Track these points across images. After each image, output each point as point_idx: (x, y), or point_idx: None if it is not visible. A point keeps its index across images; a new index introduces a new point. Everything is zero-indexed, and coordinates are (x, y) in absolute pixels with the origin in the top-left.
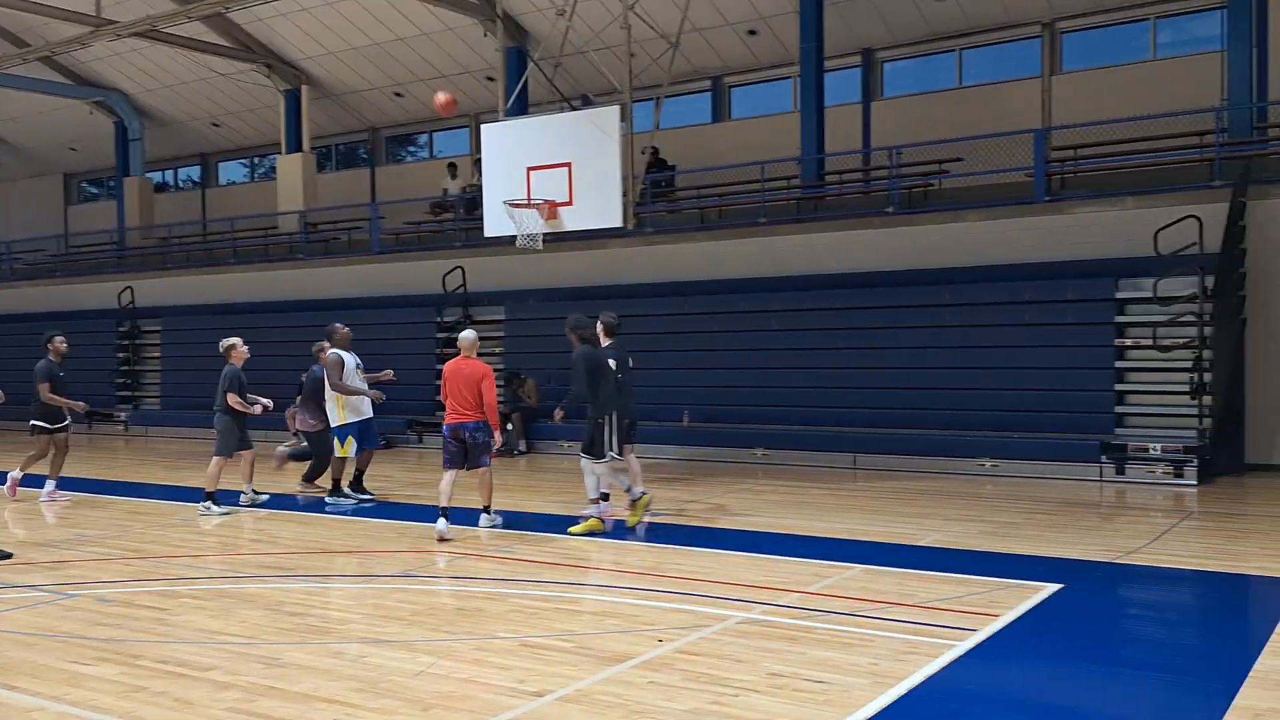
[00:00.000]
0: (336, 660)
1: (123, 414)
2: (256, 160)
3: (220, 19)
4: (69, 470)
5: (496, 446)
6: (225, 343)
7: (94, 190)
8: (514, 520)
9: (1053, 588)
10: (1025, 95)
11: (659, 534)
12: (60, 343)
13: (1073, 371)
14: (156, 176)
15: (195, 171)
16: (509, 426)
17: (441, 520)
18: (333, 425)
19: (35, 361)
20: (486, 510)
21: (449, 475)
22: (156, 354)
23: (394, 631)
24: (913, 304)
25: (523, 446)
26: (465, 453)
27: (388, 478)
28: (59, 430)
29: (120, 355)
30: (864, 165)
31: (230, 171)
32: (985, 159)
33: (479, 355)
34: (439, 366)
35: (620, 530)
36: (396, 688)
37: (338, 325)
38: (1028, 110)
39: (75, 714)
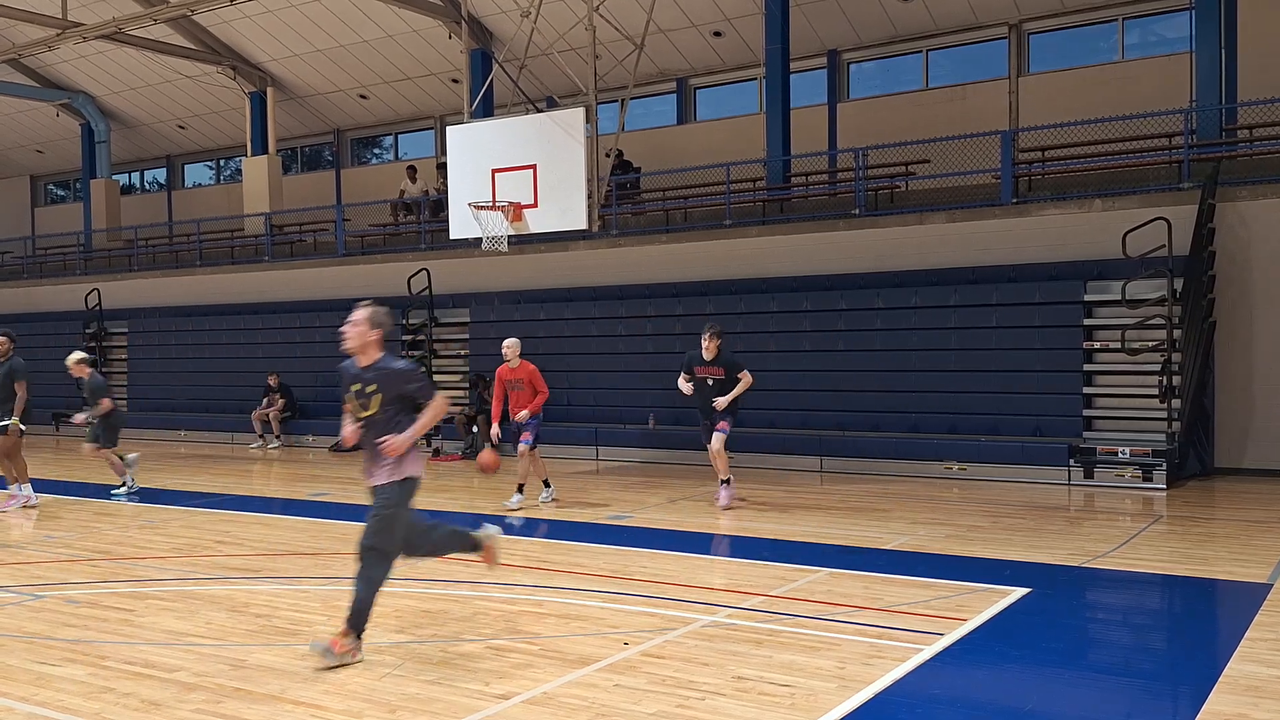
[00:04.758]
0: (303, 663)
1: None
2: (222, 162)
3: (185, 21)
4: (31, 471)
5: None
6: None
7: (61, 192)
8: (480, 523)
9: (1020, 592)
10: (992, 97)
11: (624, 537)
12: None
13: (1040, 374)
14: (123, 178)
15: (161, 174)
16: (474, 429)
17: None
18: None
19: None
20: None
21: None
22: (124, 356)
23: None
24: (878, 306)
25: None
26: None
27: (352, 480)
28: None
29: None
30: (830, 167)
31: (196, 174)
32: (952, 161)
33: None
34: None
35: (585, 532)
36: (363, 689)
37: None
38: (994, 112)
39: (43, 714)
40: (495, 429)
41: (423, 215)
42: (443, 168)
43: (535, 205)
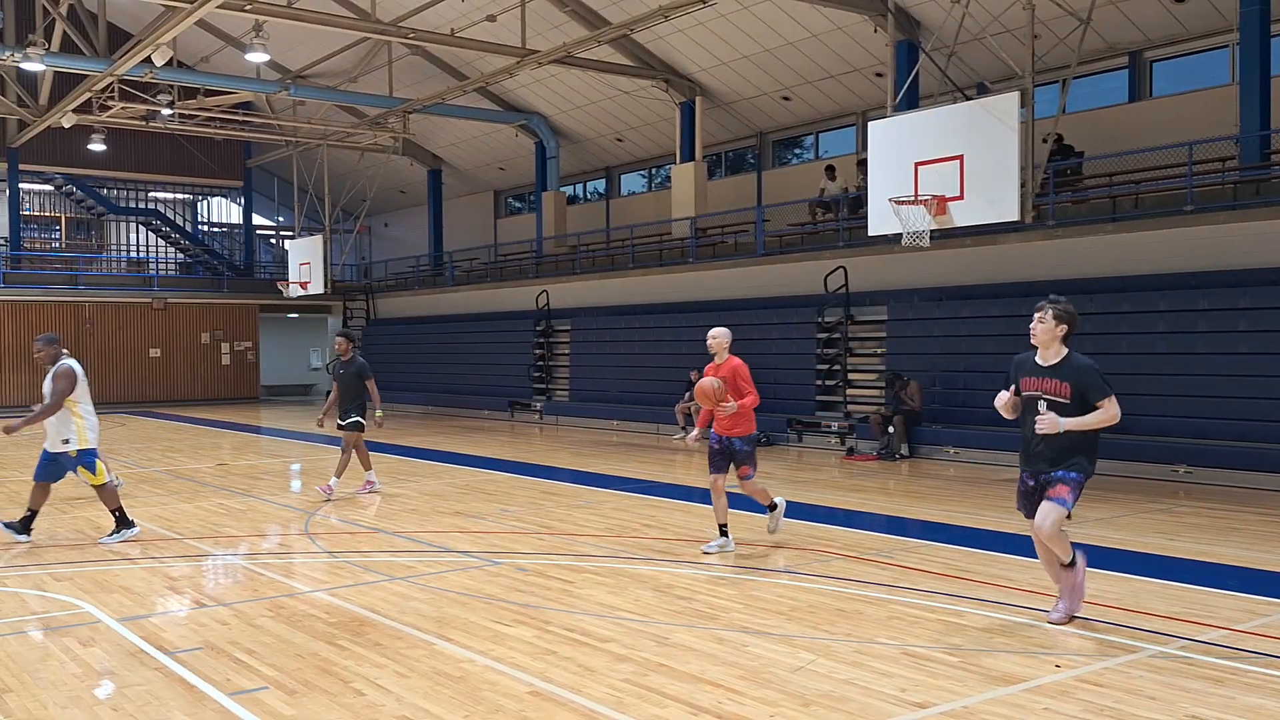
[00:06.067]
0: (720, 646)
1: (538, 404)
2: (653, 170)
3: (625, 40)
4: (489, 451)
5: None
6: None
7: (517, 204)
8: (896, 526)
9: None
10: None
11: None
12: None
13: None
14: (569, 190)
15: (601, 184)
16: (890, 429)
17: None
18: (81, 448)
19: (467, 354)
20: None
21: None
22: (566, 351)
23: (774, 624)
24: None
25: (905, 450)
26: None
27: (767, 474)
28: None
29: (536, 352)
30: None
31: (630, 183)
32: None
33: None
34: (819, 366)
35: (1009, 544)
36: (776, 680)
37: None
38: None
39: (498, 669)
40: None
41: (841, 213)
42: (863, 164)
43: (961, 197)
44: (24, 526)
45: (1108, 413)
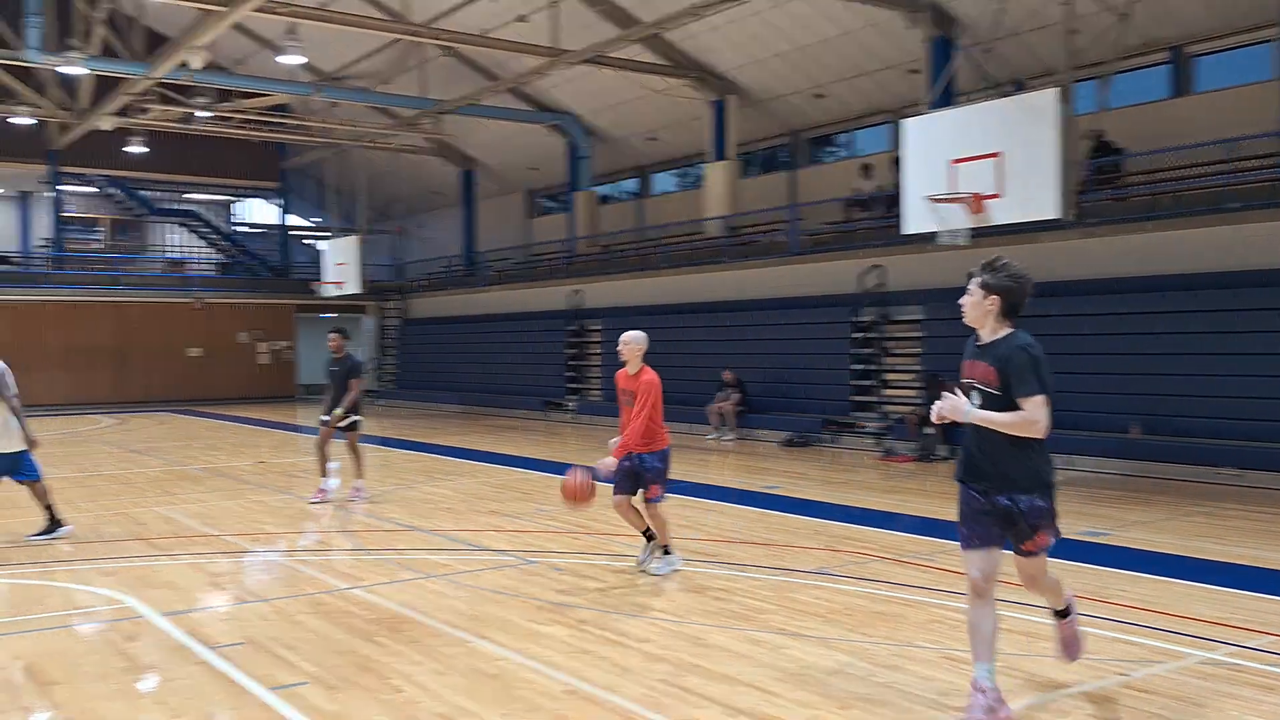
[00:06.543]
0: (756, 647)
1: (571, 403)
2: (686, 170)
3: (657, 39)
4: (524, 450)
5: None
6: None
7: (550, 204)
8: (935, 529)
9: None
10: None
11: (1100, 556)
12: None
13: None
14: (601, 189)
15: (633, 183)
16: (928, 431)
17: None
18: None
19: (501, 354)
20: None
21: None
22: (599, 350)
23: (811, 626)
24: None
25: (942, 452)
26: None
27: (802, 475)
28: None
29: (569, 351)
30: None
31: (663, 182)
32: None
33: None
34: (855, 366)
35: (1053, 548)
36: (814, 682)
37: None
38: None
39: (534, 667)
40: (610, 460)
41: (876, 211)
42: (897, 162)
43: (999, 195)
44: (52, 522)
45: (1025, 418)
